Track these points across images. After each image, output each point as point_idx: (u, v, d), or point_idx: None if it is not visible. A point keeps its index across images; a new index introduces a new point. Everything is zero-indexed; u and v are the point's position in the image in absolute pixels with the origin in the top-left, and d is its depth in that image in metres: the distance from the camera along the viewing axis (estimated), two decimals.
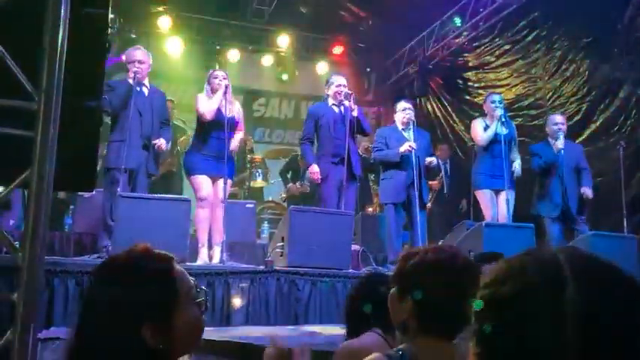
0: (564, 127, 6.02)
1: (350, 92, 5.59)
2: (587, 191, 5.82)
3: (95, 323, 1.17)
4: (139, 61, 5.05)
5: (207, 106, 5.10)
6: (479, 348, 0.72)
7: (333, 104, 5.68)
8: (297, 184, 8.26)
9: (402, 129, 5.89)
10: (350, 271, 4.85)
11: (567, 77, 7.61)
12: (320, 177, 5.43)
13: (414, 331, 1.43)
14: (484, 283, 0.73)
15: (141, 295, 1.17)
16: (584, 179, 5.90)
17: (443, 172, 8.19)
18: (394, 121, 6.09)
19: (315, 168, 5.44)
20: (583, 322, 0.65)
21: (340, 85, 5.65)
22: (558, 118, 6.13)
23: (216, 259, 4.93)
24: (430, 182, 8.09)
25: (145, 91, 5.15)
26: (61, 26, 2.40)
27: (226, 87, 5.14)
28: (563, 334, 0.65)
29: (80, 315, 1.20)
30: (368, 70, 11.28)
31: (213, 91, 5.19)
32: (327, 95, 5.74)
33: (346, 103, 5.55)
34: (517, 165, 5.86)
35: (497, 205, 5.75)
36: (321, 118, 5.61)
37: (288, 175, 8.55)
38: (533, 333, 0.66)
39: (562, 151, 5.85)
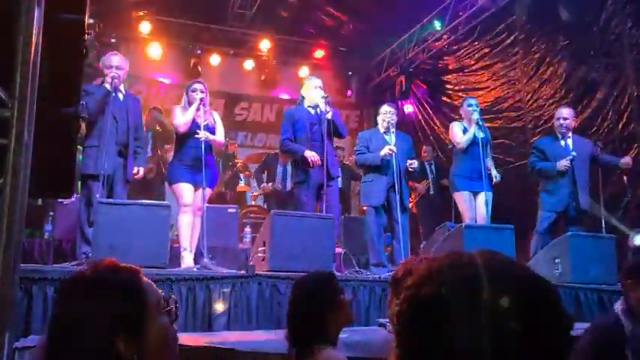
0: (568, 122, 5.98)
1: (326, 95, 5.61)
2: (627, 159, 5.87)
3: (66, 339, 1.17)
4: (117, 67, 5.04)
5: (181, 119, 5.13)
6: (399, 349, 0.73)
7: (309, 106, 5.69)
8: (269, 184, 8.29)
9: (384, 132, 5.92)
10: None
11: (545, 79, 7.70)
12: (302, 179, 5.45)
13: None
14: (406, 285, 0.75)
15: (111, 309, 1.17)
16: (611, 158, 5.99)
17: (429, 173, 8.25)
18: (376, 125, 6.12)
19: (310, 152, 5.40)
20: (498, 324, 0.66)
21: (317, 87, 5.68)
22: (564, 111, 6.08)
23: (191, 265, 4.92)
24: (416, 184, 8.16)
25: (121, 96, 5.13)
26: (35, 31, 2.39)
27: (201, 100, 5.15)
28: (479, 335, 0.66)
29: (50, 331, 1.20)
30: (349, 73, 11.32)
31: (190, 103, 5.21)
32: (303, 97, 5.75)
33: (322, 105, 5.57)
34: (494, 172, 5.93)
35: (475, 207, 5.80)
36: (297, 121, 5.62)
37: (264, 175, 8.55)
38: (451, 334, 0.68)
39: (567, 147, 5.90)
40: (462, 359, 0.67)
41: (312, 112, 5.67)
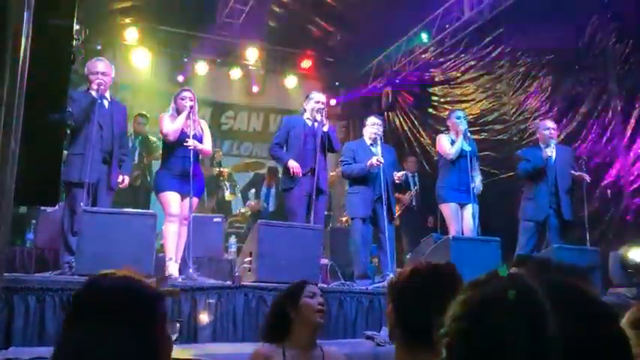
0: (555, 133, 6.09)
1: (322, 107, 5.64)
2: (584, 175, 5.89)
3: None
4: (102, 73, 4.96)
5: (170, 127, 5.07)
6: None
7: (308, 118, 5.71)
8: (256, 201, 8.32)
9: (370, 144, 5.93)
10: (319, 285, 4.82)
11: (531, 93, 7.78)
12: (294, 175, 5.44)
13: (398, 338, 1.55)
14: (455, 315, 0.72)
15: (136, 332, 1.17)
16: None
17: (412, 185, 8.27)
18: (362, 135, 6.12)
19: (292, 162, 5.45)
20: (565, 351, 0.64)
21: (319, 102, 5.70)
22: (549, 123, 6.17)
23: (175, 275, 4.86)
24: (400, 196, 8.18)
25: (106, 103, 5.04)
26: (24, 37, 2.35)
27: (191, 108, 5.10)
28: None
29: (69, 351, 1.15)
30: (337, 84, 11.34)
31: (179, 111, 5.14)
32: (304, 109, 5.77)
33: (318, 117, 5.58)
34: (478, 181, 5.95)
35: (462, 219, 5.81)
36: (292, 129, 5.65)
37: (250, 192, 8.53)
38: None
39: (552, 158, 5.92)
40: None
41: (310, 124, 5.68)
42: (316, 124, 5.64)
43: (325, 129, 5.56)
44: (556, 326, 0.65)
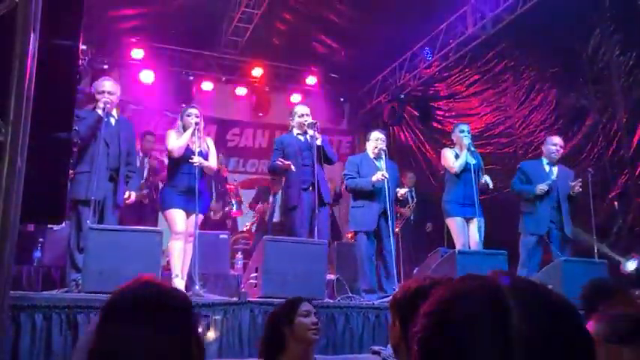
0: (560, 149, 6.08)
1: (314, 122, 5.65)
2: (575, 183, 5.86)
3: None
4: (109, 92, 5.01)
5: (176, 143, 5.10)
6: None
7: (299, 134, 5.73)
8: (261, 205, 8.29)
9: (374, 158, 5.94)
10: (325, 300, 4.82)
11: (535, 106, 7.79)
12: (287, 168, 5.46)
13: (404, 354, 1.56)
14: (425, 311, 0.74)
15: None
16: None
17: (409, 199, 8.30)
18: (365, 150, 6.14)
19: (286, 161, 5.45)
20: (526, 348, 0.65)
21: (303, 115, 5.73)
22: (556, 139, 6.17)
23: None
24: (401, 210, 8.21)
25: (113, 121, 5.10)
26: (30, 57, 2.39)
27: (197, 125, 5.15)
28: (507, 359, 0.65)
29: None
30: (342, 99, 11.39)
31: (185, 128, 5.19)
32: (292, 126, 5.80)
33: (310, 132, 5.61)
34: (487, 178, 5.96)
35: (468, 233, 5.80)
36: (287, 147, 5.66)
37: (258, 205, 8.54)
38: (477, 358, 0.66)
39: (553, 174, 5.96)
40: None
41: (302, 139, 5.70)
42: (309, 137, 5.66)
43: (319, 142, 5.57)
44: (521, 324, 0.67)
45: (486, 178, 5.98)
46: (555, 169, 6.04)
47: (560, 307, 0.72)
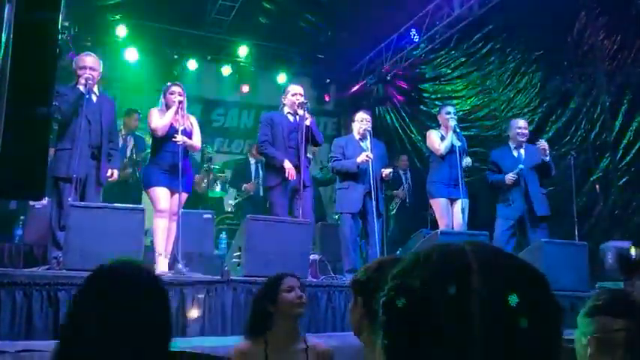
0: (526, 132, 6.09)
1: (304, 101, 5.60)
2: (541, 142, 5.88)
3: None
4: (90, 68, 4.93)
5: (159, 122, 5.04)
6: (386, 339, 0.72)
7: (289, 113, 5.68)
8: (250, 183, 8.24)
9: (359, 139, 5.94)
10: (308, 279, 4.83)
11: (520, 89, 7.82)
12: (276, 183, 5.42)
13: (367, 332, 1.57)
14: (392, 275, 0.74)
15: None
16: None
17: (404, 182, 8.31)
18: (351, 131, 6.12)
19: (288, 164, 5.38)
20: (489, 312, 0.66)
21: (296, 94, 5.66)
22: (521, 122, 6.19)
23: (165, 270, 4.85)
24: (395, 192, 8.23)
25: (94, 98, 5.02)
26: (5, 30, 2.34)
27: (180, 103, 5.09)
28: (469, 323, 0.66)
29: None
30: (327, 81, 11.34)
31: (168, 106, 5.13)
32: (284, 104, 5.74)
33: (300, 112, 5.56)
34: (468, 159, 6.02)
35: (452, 214, 5.83)
36: (275, 125, 5.60)
37: (241, 183, 8.47)
38: (440, 322, 0.67)
39: (520, 156, 5.98)
40: (451, 348, 0.66)
41: (292, 119, 5.66)
42: (298, 117, 5.62)
43: (307, 123, 5.51)
44: (482, 284, 0.67)
45: (467, 159, 6.01)
46: (523, 152, 6.06)
47: (524, 270, 0.72)
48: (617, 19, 6.61)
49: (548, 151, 5.85)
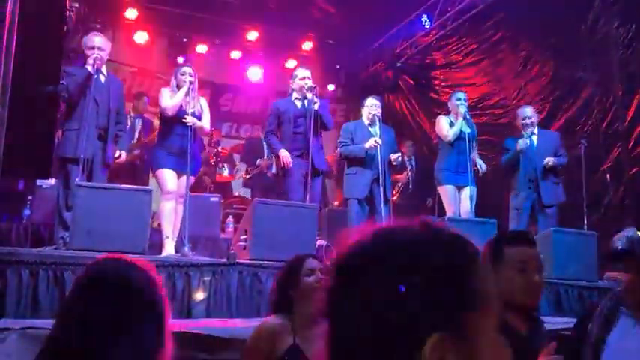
0: (532, 120, 6.03)
1: (313, 85, 5.56)
2: (550, 160, 5.83)
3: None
4: (99, 48, 4.92)
5: (170, 102, 5.03)
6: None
7: (297, 98, 5.65)
8: (262, 159, 8.13)
9: (368, 125, 5.90)
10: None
11: (532, 77, 7.73)
12: (285, 167, 5.40)
13: None
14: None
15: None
16: (557, 159, 5.93)
17: (409, 168, 8.27)
18: (361, 117, 6.08)
19: (284, 152, 5.39)
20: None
21: (304, 78, 5.62)
22: (527, 111, 6.13)
23: (172, 253, 4.86)
24: (397, 176, 8.17)
25: (102, 78, 5.01)
26: (9, 7, 2.32)
27: (191, 84, 5.07)
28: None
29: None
30: (337, 66, 11.27)
31: (179, 86, 5.11)
32: (292, 89, 5.71)
33: (309, 95, 5.52)
34: (480, 162, 5.94)
35: (459, 201, 5.80)
36: (283, 113, 5.57)
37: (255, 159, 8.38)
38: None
39: (534, 144, 5.92)
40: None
41: (299, 104, 5.62)
42: (306, 102, 5.58)
43: (316, 107, 5.47)
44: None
45: (480, 163, 5.94)
46: (535, 139, 6.00)
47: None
48: (631, 6, 6.50)
49: (554, 163, 5.83)
